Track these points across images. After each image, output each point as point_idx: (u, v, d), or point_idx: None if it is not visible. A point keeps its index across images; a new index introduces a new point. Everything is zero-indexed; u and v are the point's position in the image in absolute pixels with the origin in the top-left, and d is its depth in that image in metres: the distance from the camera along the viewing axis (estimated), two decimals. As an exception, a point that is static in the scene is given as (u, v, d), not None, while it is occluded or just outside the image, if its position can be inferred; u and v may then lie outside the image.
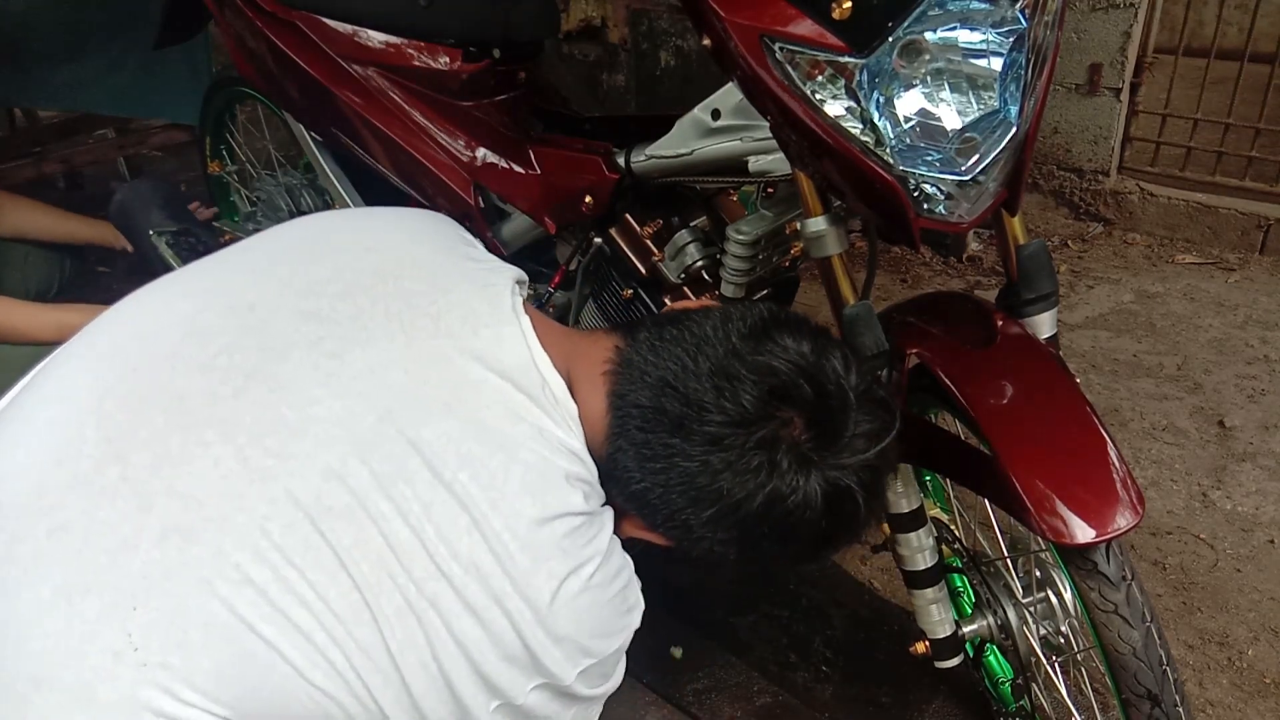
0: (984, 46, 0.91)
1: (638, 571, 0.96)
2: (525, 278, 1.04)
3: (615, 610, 0.92)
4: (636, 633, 0.95)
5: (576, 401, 0.92)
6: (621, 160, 1.40)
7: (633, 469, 0.90)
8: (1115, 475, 0.94)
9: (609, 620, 0.91)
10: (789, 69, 0.91)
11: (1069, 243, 2.90)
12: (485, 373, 0.89)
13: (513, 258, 1.68)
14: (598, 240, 1.50)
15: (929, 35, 0.89)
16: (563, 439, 0.90)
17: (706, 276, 1.41)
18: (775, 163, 1.20)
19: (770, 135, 1.05)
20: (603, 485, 0.94)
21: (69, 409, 0.85)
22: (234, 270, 0.99)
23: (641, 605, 0.96)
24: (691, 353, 0.89)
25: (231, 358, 0.86)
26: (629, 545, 0.97)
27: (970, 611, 1.26)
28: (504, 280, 0.98)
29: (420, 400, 0.86)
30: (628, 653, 0.96)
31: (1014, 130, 0.94)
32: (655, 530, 0.95)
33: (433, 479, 0.83)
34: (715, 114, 1.24)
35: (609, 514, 0.94)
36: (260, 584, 0.77)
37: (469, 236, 1.09)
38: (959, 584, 1.30)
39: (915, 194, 0.95)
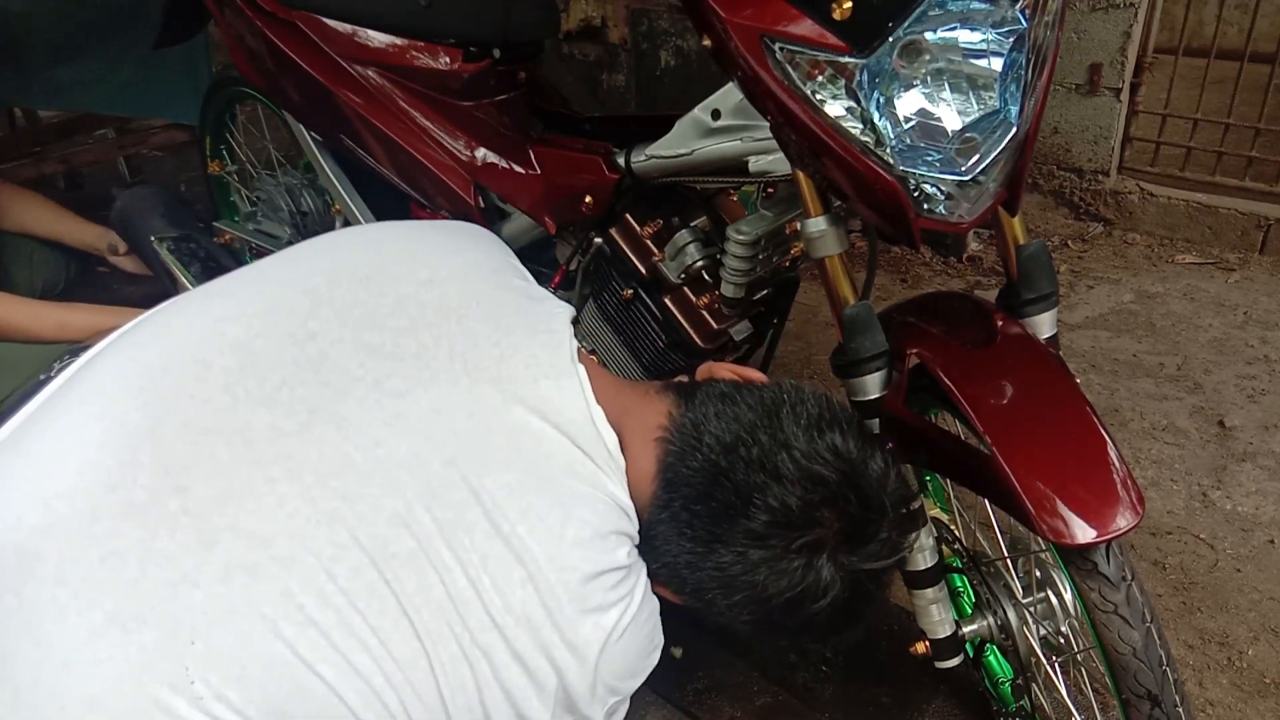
0: (984, 46, 0.91)
1: None
2: (575, 315, 1.06)
3: (643, 652, 0.95)
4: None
5: (626, 458, 0.95)
6: (621, 160, 1.40)
7: (671, 541, 0.93)
8: (1115, 475, 0.93)
9: (637, 661, 0.95)
10: (789, 69, 0.91)
11: (1069, 243, 2.90)
12: (544, 425, 0.92)
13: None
14: (598, 240, 1.50)
15: (929, 35, 0.89)
16: (615, 494, 0.93)
17: (706, 276, 1.41)
18: (775, 163, 1.20)
19: (770, 135, 1.05)
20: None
21: (121, 430, 0.84)
22: (287, 290, 0.97)
23: (662, 641, 0.99)
24: (746, 442, 0.91)
25: (294, 392, 0.87)
26: None
27: (970, 611, 1.26)
28: (563, 326, 1.01)
29: (483, 449, 0.88)
30: None
31: (1014, 130, 0.94)
32: (678, 595, 0.98)
33: (492, 530, 0.85)
34: (715, 114, 1.24)
35: (644, 562, 0.97)
36: (324, 626, 0.79)
37: (516, 261, 1.11)
38: (959, 584, 1.30)
39: (915, 194, 0.95)
